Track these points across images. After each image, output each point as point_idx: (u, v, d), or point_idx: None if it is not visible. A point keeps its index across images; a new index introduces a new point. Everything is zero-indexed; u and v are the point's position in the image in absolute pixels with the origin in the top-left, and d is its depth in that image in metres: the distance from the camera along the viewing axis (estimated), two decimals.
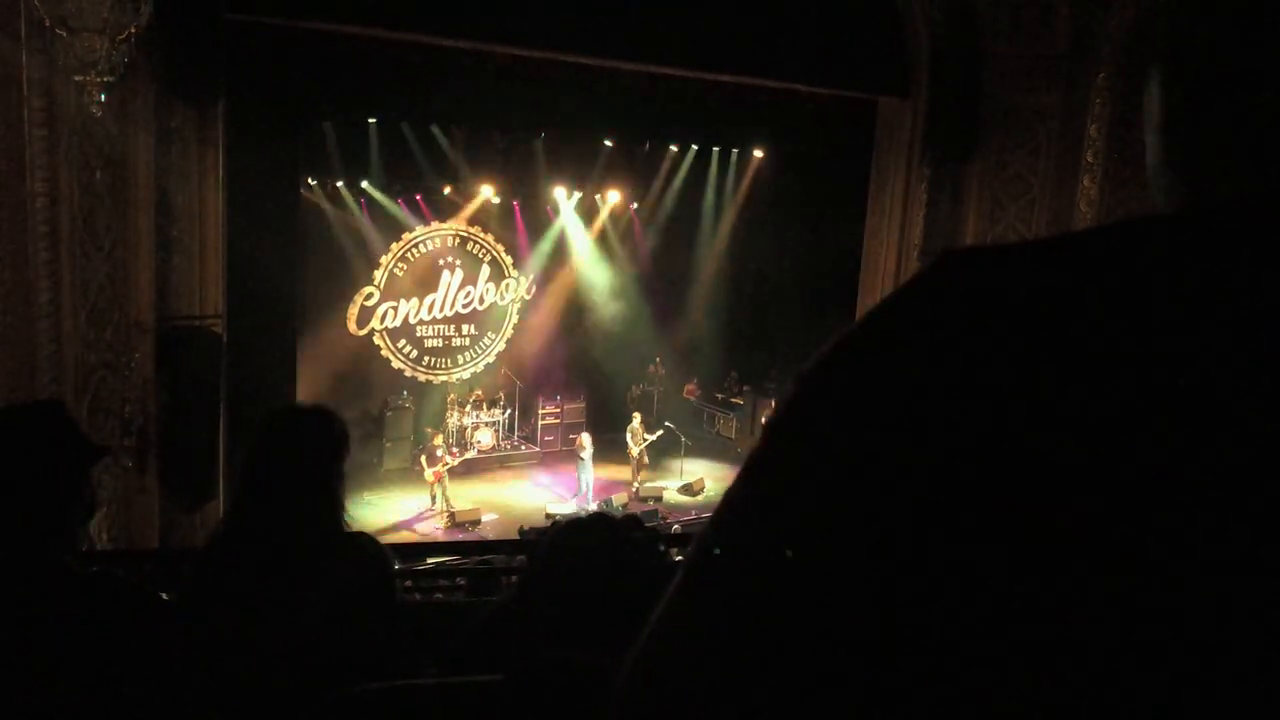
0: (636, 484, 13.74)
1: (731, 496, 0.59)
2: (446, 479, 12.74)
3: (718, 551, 0.58)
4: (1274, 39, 0.57)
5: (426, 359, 14.99)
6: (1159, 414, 0.48)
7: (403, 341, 14.67)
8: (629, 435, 13.91)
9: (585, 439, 13.46)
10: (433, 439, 13.30)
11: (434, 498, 12.65)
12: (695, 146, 14.89)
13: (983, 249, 0.57)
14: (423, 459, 12.94)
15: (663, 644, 0.59)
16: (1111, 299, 0.51)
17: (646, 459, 14.08)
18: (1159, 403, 0.48)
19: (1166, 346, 0.49)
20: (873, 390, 0.54)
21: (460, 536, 11.54)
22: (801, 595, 0.53)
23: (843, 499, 0.53)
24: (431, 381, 15.02)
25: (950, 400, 0.51)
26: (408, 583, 4.94)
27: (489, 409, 14.77)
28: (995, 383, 0.50)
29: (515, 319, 15.68)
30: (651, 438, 13.93)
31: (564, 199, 15.28)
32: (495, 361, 15.55)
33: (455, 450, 13.46)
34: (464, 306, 15.11)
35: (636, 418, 14.16)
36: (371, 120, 12.58)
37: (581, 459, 13.31)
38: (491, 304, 15.38)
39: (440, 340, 15.06)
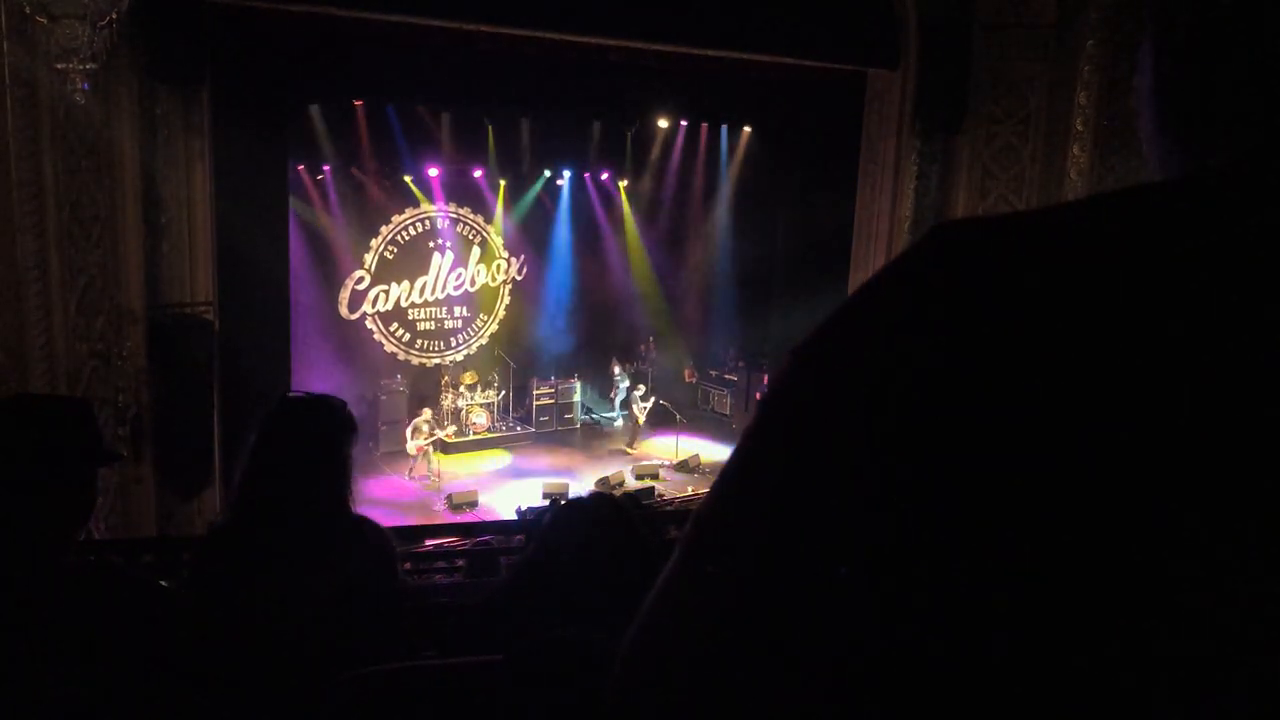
0: (635, 447, 14.53)
1: (726, 473, 0.59)
2: (431, 452, 12.90)
3: (713, 530, 0.58)
4: (1266, 3, 0.57)
5: (419, 342, 14.95)
6: (1155, 379, 0.48)
7: (395, 325, 14.63)
8: (632, 404, 14.74)
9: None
10: (419, 415, 13.31)
11: (411, 470, 12.81)
12: (685, 123, 14.83)
13: (974, 221, 0.57)
14: (407, 432, 13.03)
15: (661, 621, 0.59)
16: (1106, 268, 0.51)
17: (642, 426, 14.74)
18: (1156, 369, 0.48)
19: (1162, 314, 0.49)
20: (866, 363, 0.54)
21: (458, 518, 11.56)
22: (798, 570, 0.53)
23: (837, 472, 0.53)
24: (425, 364, 15.00)
25: (943, 372, 0.51)
26: (406, 564, 4.96)
27: (483, 390, 14.77)
28: (987, 355, 0.50)
29: (506, 300, 15.65)
30: (648, 405, 14.64)
31: (552, 178, 15.24)
32: (488, 343, 15.53)
33: (436, 426, 13.46)
34: (455, 288, 15.06)
35: (640, 388, 14.90)
36: (358, 103, 12.50)
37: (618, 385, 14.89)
38: (482, 285, 15.35)
39: (432, 323, 15.02)
